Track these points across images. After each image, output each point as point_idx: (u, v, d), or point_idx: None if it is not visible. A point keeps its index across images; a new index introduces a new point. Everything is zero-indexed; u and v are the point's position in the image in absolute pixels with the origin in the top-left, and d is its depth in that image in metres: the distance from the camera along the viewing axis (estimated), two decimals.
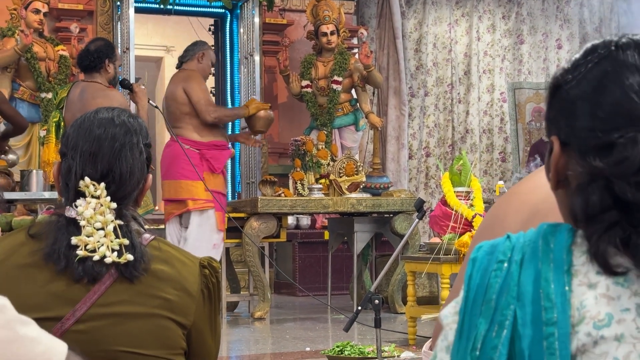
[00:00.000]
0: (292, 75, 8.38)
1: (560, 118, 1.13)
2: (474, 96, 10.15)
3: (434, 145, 10.08)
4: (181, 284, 1.82)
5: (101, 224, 1.77)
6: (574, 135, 1.10)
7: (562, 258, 1.07)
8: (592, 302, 1.04)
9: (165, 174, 6.81)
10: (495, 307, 1.07)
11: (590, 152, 1.08)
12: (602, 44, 1.13)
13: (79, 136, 1.85)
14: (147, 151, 1.90)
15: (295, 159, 7.82)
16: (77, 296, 1.74)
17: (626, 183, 1.04)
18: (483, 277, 1.10)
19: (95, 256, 1.74)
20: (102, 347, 1.73)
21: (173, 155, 6.75)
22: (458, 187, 5.49)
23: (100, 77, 5.95)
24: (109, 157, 1.82)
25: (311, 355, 5.20)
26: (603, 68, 1.10)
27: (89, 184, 1.80)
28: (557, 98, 1.14)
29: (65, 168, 1.85)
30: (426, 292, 7.30)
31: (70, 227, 1.78)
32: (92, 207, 1.78)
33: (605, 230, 1.05)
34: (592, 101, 1.09)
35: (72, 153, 1.84)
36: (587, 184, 1.08)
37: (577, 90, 1.11)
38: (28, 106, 8.11)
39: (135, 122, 1.90)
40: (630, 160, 1.04)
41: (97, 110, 1.90)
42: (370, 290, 4.33)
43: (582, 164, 1.08)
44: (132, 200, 1.87)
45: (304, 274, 9.00)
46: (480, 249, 1.14)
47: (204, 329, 1.87)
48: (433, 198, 9.75)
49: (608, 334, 1.02)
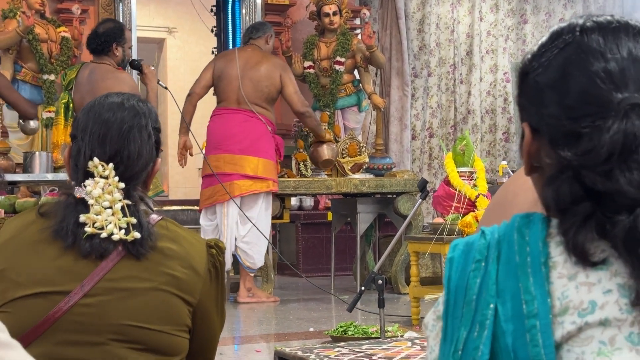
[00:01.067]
0: (294, 56, 8.35)
1: (529, 105, 1.12)
2: (476, 77, 10.12)
3: (436, 126, 10.07)
4: (188, 262, 1.84)
5: (109, 203, 1.80)
6: (544, 122, 1.09)
7: (538, 251, 1.06)
8: (573, 292, 1.03)
9: (247, 149, 6.75)
10: (475, 308, 1.07)
11: (559, 141, 1.06)
12: (567, 28, 1.11)
13: (88, 119, 1.88)
14: (156, 135, 1.93)
15: (298, 140, 7.81)
16: (85, 271, 1.77)
17: (595, 173, 1.03)
18: (461, 278, 1.10)
19: (102, 233, 1.77)
20: (109, 321, 1.75)
21: (260, 133, 6.78)
22: (461, 168, 5.48)
23: (108, 58, 5.95)
24: (117, 139, 1.85)
25: (315, 336, 5.22)
26: (568, 54, 1.08)
27: (98, 164, 1.83)
28: (526, 85, 1.13)
29: (75, 150, 1.89)
30: (429, 273, 7.31)
31: (79, 206, 1.81)
32: (101, 186, 1.81)
33: (581, 224, 1.04)
34: (559, 89, 1.07)
35: (82, 135, 1.87)
36: (556, 175, 1.07)
37: (544, 78, 1.10)
38: (30, 88, 8.10)
39: (145, 106, 1.93)
40: (597, 149, 1.03)
41: (107, 95, 1.94)
42: (374, 270, 4.34)
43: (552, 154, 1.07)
44: (141, 182, 1.89)
45: (307, 255, 9.01)
46: (455, 248, 1.13)
47: (210, 308, 1.89)
48: (436, 179, 9.74)
49: (592, 320, 1.01)
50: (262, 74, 6.89)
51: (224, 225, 6.74)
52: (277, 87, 6.93)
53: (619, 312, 1.01)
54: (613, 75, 1.05)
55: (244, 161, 6.73)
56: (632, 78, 1.05)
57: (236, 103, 6.87)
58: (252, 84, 6.85)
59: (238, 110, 6.84)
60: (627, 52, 1.06)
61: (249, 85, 6.85)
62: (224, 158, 6.75)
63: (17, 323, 1.73)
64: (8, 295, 1.77)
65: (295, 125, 7.95)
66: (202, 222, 6.92)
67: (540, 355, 1.01)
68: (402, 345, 3.51)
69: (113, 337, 1.75)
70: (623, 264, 1.02)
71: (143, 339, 1.77)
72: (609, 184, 1.02)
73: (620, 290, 1.02)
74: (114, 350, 1.75)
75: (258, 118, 6.79)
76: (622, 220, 1.02)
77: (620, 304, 1.01)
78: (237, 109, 6.84)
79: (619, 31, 1.08)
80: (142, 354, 1.77)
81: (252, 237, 6.71)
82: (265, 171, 6.76)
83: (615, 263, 1.03)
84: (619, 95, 1.04)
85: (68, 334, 1.75)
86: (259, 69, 6.90)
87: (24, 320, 1.75)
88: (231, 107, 6.87)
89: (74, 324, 1.74)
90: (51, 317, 1.74)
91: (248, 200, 6.77)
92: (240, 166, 6.72)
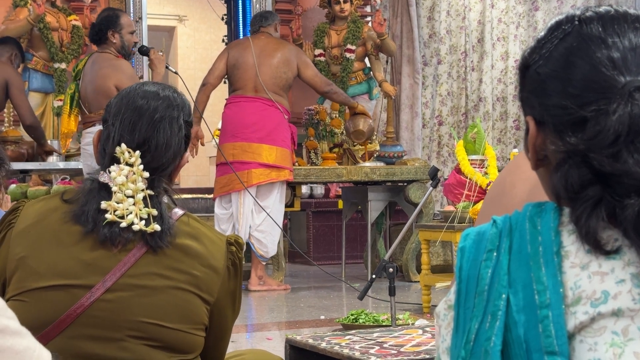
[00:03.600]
0: (305, 44, 8.33)
1: (532, 98, 1.12)
2: (488, 64, 10.08)
3: (446, 114, 10.04)
4: (208, 261, 1.83)
5: (132, 192, 1.79)
6: (548, 113, 1.09)
7: (550, 240, 1.06)
8: (586, 281, 1.03)
9: (265, 137, 6.73)
10: (487, 299, 1.06)
11: (565, 129, 1.06)
12: (565, 19, 1.11)
13: (121, 105, 1.87)
14: (187, 128, 1.91)
15: (309, 128, 7.80)
16: (106, 265, 1.76)
17: (603, 156, 1.03)
18: (473, 268, 1.10)
19: (122, 223, 1.75)
20: (127, 317, 1.75)
21: (278, 121, 6.78)
22: (472, 155, 5.47)
23: (108, 47, 5.96)
24: (147, 127, 1.84)
25: (326, 324, 5.22)
26: (568, 44, 1.08)
27: (125, 151, 1.82)
28: (527, 78, 1.13)
29: (104, 134, 1.88)
30: (440, 261, 7.31)
31: (102, 192, 1.80)
32: (125, 174, 1.80)
33: (592, 208, 1.04)
34: (562, 78, 1.07)
35: (113, 120, 1.86)
36: (564, 161, 1.07)
37: (545, 69, 1.10)
38: (42, 76, 8.12)
39: (179, 98, 1.92)
40: (604, 132, 1.03)
41: (144, 83, 1.94)
42: (385, 258, 4.33)
43: (558, 142, 1.07)
44: (166, 174, 1.88)
45: (318, 243, 9.01)
46: (467, 237, 1.13)
47: (226, 305, 1.89)
48: (445, 167, 9.72)
49: (605, 310, 1.01)
50: (279, 61, 6.87)
51: (240, 214, 6.73)
52: (294, 72, 6.93)
53: (632, 302, 1.01)
54: (615, 61, 1.05)
55: (262, 150, 6.72)
56: (634, 63, 1.05)
57: (253, 91, 6.85)
58: (270, 71, 6.84)
59: (255, 99, 6.82)
60: (628, 40, 1.07)
61: (267, 73, 6.83)
62: (242, 146, 6.74)
63: (34, 315, 1.72)
64: (26, 284, 1.75)
65: (306, 113, 7.95)
66: (216, 210, 6.92)
67: (552, 346, 1.01)
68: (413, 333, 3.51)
69: (130, 334, 1.74)
70: (636, 253, 1.02)
71: (160, 336, 1.76)
72: (618, 166, 1.02)
73: (633, 280, 1.01)
74: (131, 346, 1.74)
75: (276, 106, 6.77)
76: (631, 203, 1.02)
77: (633, 294, 1.01)
78: (254, 97, 6.82)
79: (618, 20, 1.08)
80: (159, 352, 1.77)
81: (266, 226, 6.71)
82: (282, 160, 6.76)
83: (628, 252, 1.03)
84: (622, 79, 1.04)
85: (86, 329, 1.74)
86: (275, 55, 6.88)
87: (43, 313, 1.73)
88: (248, 95, 6.84)
89: (92, 318, 1.74)
90: (73, 312, 1.73)
91: (264, 190, 6.77)
92: (258, 154, 6.71)
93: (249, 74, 6.85)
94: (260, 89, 6.81)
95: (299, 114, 8.66)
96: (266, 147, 6.72)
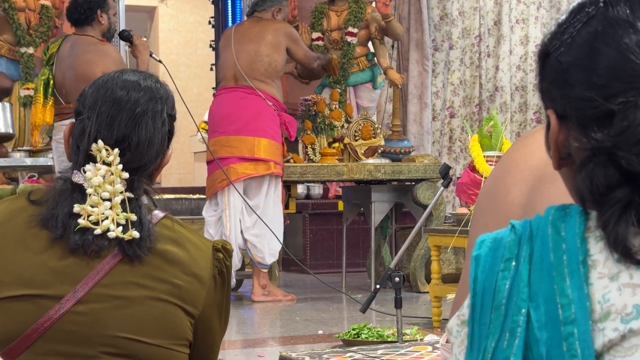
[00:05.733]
0: (301, 26, 8.33)
1: (553, 89, 1.11)
2: (505, 49, 10.09)
3: (458, 105, 10.04)
4: (192, 269, 1.83)
5: (109, 195, 1.78)
6: (571, 106, 1.08)
7: (576, 247, 1.05)
8: (615, 294, 1.02)
9: (243, 129, 6.76)
10: (505, 314, 1.06)
11: (590, 123, 1.06)
12: (589, 1, 1.10)
13: (98, 96, 1.86)
14: (170, 123, 1.91)
15: (306, 121, 7.80)
16: (77, 273, 1.75)
17: (632, 154, 1.02)
18: (489, 279, 1.09)
19: (97, 229, 1.75)
20: (101, 332, 1.74)
21: (257, 109, 6.80)
22: (488, 151, 5.47)
23: (92, 30, 5.95)
24: (127, 122, 1.83)
25: (324, 339, 5.22)
26: (593, 29, 1.08)
27: (102, 148, 1.81)
28: (547, 67, 1.13)
29: (78, 129, 1.86)
30: (452, 269, 7.31)
31: (75, 194, 1.79)
32: (102, 174, 1.79)
33: (621, 212, 1.03)
34: (586, 67, 1.07)
35: (89, 113, 1.85)
36: (589, 159, 1.06)
37: (567, 57, 1.09)
38: (6, 62, 8.10)
39: (163, 89, 1.91)
40: (633, 127, 1.03)
41: (123, 71, 1.92)
42: (390, 266, 4.34)
43: (582, 138, 1.07)
44: (147, 175, 1.87)
45: (315, 249, 9.02)
46: (482, 244, 1.12)
47: (212, 318, 1.89)
48: (457, 163, 9.73)
49: (637, 327, 1.00)
50: (262, 45, 6.90)
51: (226, 216, 6.74)
52: (283, 56, 6.97)
53: None
54: None
55: (240, 142, 6.74)
56: None
57: (233, 80, 6.90)
58: (249, 57, 6.87)
59: (235, 88, 6.86)
60: None
61: (245, 59, 6.86)
62: (220, 141, 6.77)
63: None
64: None
65: (302, 104, 7.95)
66: (204, 213, 6.95)
67: None
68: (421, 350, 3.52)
69: (105, 350, 1.74)
70: None
71: (138, 353, 1.75)
72: None
73: None
74: None
75: (257, 94, 6.78)
76: None
77: None
78: (234, 86, 6.87)
79: None
80: None
81: (260, 228, 6.71)
82: (265, 152, 6.76)
83: None
84: None
85: (55, 344, 1.73)
86: (257, 40, 6.92)
87: (7, 327, 1.73)
88: (228, 86, 6.91)
89: (62, 333, 1.73)
90: (40, 326, 1.72)
91: (252, 187, 6.78)
92: (236, 148, 6.73)
93: (228, 63, 6.93)
94: (240, 77, 6.86)
95: (294, 105, 8.66)
96: (245, 138, 6.74)
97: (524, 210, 1.39)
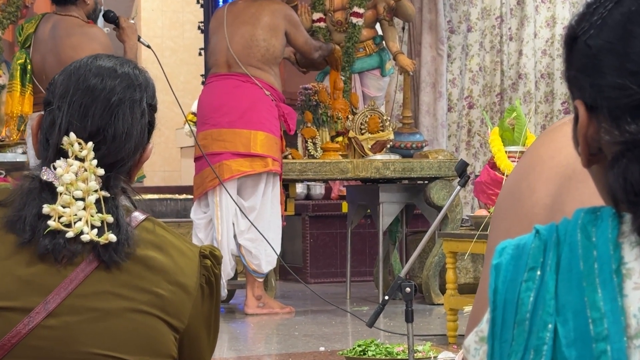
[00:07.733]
0: (300, 6, 8.34)
1: (582, 77, 1.11)
2: (530, 32, 10.10)
3: (478, 94, 10.06)
4: (176, 277, 1.83)
5: (82, 194, 1.78)
6: (602, 96, 1.08)
7: (608, 254, 1.05)
8: None
9: (237, 121, 6.78)
10: (529, 330, 1.06)
11: (623, 114, 1.06)
12: None
13: (69, 84, 1.86)
14: (150, 114, 1.92)
15: (306, 112, 7.80)
16: (48, 283, 1.75)
17: None
18: (511, 291, 1.09)
19: (69, 232, 1.75)
20: (75, 348, 1.74)
21: (253, 99, 6.81)
22: (510, 147, 5.48)
23: (77, 9, 5.95)
24: (102, 113, 1.83)
25: (327, 357, 5.24)
26: (626, 9, 1.07)
27: (74, 142, 1.81)
28: (575, 53, 1.13)
29: (48, 120, 1.86)
30: (470, 278, 7.32)
31: (44, 193, 1.79)
32: (74, 170, 1.79)
33: None
34: (619, 52, 1.07)
35: (59, 103, 1.85)
36: (622, 154, 1.06)
37: (598, 40, 1.09)
38: None
39: (142, 76, 1.92)
40: None
41: (97, 56, 1.93)
42: (400, 275, 4.34)
43: (614, 131, 1.07)
44: (125, 171, 1.87)
45: (316, 256, 9.03)
46: (503, 251, 1.12)
47: (200, 332, 1.89)
48: (477, 160, 9.75)
49: None
50: (258, 28, 6.91)
51: (216, 218, 6.73)
52: (281, 40, 6.97)
53: None
54: None
55: (234, 135, 6.73)
56: None
57: (226, 67, 6.90)
58: (244, 41, 6.87)
59: (228, 76, 6.86)
60: None
61: (240, 43, 6.86)
62: (211, 134, 6.77)
63: None
64: None
65: (302, 93, 7.95)
66: (192, 215, 6.94)
67: None
68: None
69: None
70: None
71: None
72: None
73: None
74: None
75: (252, 81, 6.79)
76: None
77: None
78: (227, 74, 6.87)
79: None
80: None
81: (256, 232, 6.70)
82: (262, 147, 6.76)
83: None
84: None
85: None
86: (253, 22, 6.92)
87: None
88: (221, 73, 6.91)
89: (32, 350, 1.73)
90: (7, 342, 1.72)
91: (246, 186, 6.78)
92: (229, 142, 6.73)
93: (221, 47, 6.94)
94: (234, 64, 6.86)
95: (293, 94, 8.66)
96: (240, 132, 6.74)
97: (550, 213, 1.38)
